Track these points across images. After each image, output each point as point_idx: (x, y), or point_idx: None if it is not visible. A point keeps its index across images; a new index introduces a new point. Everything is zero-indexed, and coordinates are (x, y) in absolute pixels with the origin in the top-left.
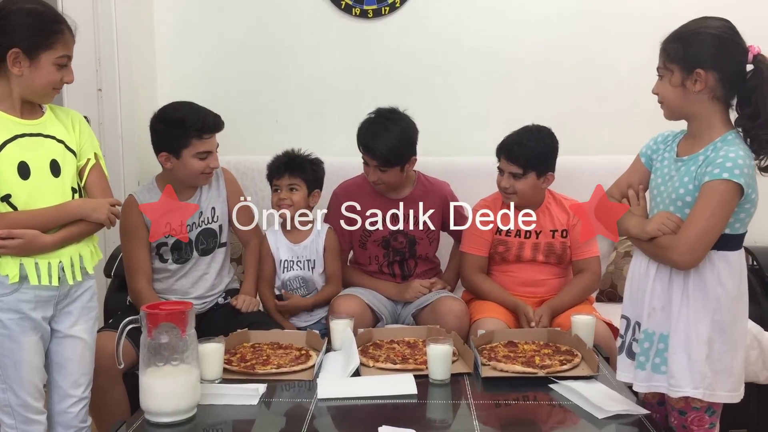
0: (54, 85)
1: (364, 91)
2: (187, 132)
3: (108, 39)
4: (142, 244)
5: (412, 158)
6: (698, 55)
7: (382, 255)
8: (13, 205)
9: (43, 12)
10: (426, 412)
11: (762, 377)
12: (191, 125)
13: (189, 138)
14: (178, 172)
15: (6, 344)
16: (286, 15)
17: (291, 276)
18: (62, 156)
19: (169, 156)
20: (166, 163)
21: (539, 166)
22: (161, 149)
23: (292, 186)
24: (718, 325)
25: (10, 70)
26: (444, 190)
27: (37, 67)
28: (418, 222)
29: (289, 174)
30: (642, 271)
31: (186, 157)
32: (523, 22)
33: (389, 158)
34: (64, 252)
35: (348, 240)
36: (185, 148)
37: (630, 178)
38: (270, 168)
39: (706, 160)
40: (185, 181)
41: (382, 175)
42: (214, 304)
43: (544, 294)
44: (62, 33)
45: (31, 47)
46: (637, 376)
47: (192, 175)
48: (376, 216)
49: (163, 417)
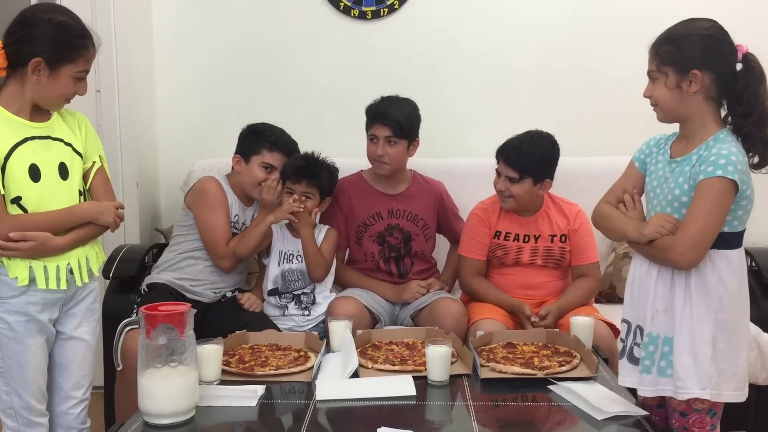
0: (67, 96)
1: (362, 93)
2: (261, 140)
3: (107, 40)
4: (226, 217)
5: (417, 140)
6: (693, 57)
7: (378, 251)
8: (23, 207)
9: (71, 26)
10: (425, 413)
11: (761, 378)
12: (267, 137)
13: (261, 147)
14: (243, 176)
15: (12, 346)
16: (285, 16)
17: (290, 268)
18: (70, 159)
19: (240, 159)
20: (237, 165)
21: (536, 172)
22: (237, 151)
23: (306, 194)
24: (721, 324)
25: (29, 77)
26: (439, 189)
27: (56, 78)
28: (413, 218)
29: (307, 182)
30: (643, 275)
31: (253, 163)
32: (521, 25)
33: (402, 124)
34: (72, 254)
35: (344, 236)
36: (255, 155)
37: (624, 183)
38: (287, 168)
39: (700, 159)
40: (245, 188)
41: (389, 149)
42: (222, 296)
43: (543, 296)
44: (86, 48)
45: (54, 59)
46: (643, 381)
47: (252, 184)
48: (372, 210)
49: (162, 419)
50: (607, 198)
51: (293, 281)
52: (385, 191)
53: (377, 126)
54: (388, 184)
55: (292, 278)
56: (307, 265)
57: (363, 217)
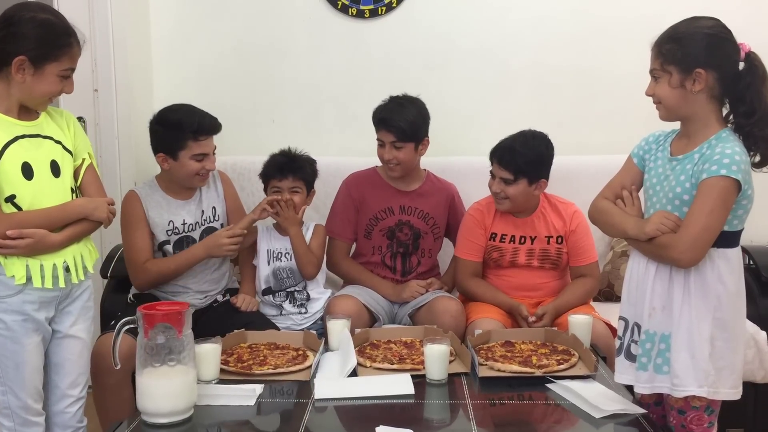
0: (53, 95)
1: (360, 92)
2: (184, 134)
3: (104, 39)
4: (144, 232)
5: (425, 139)
6: (697, 56)
7: (386, 245)
8: (17, 205)
9: (55, 24)
10: (423, 412)
11: (758, 376)
12: (187, 127)
13: (185, 140)
14: (175, 173)
15: (8, 346)
16: (282, 15)
17: (280, 266)
18: (61, 156)
19: (166, 157)
20: (164, 164)
21: (531, 173)
22: (159, 150)
23: (294, 188)
24: (720, 322)
25: (13, 76)
26: (451, 190)
27: (41, 76)
28: (424, 216)
29: (293, 176)
30: (641, 272)
31: (182, 158)
32: (519, 23)
33: (406, 130)
34: (67, 252)
35: (353, 229)
36: (182, 150)
37: (623, 179)
38: (269, 168)
39: (702, 157)
40: (182, 182)
41: (397, 153)
42: (212, 301)
43: (540, 297)
44: (70, 46)
45: (38, 57)
46: (639, 378)
47: (188, 177)
48: (384, 204)
49: (160, 418)
50: (605, 193)
51: (285, 279)
52: (398, 188)
53: (382, 131)
54: (401, 181)
55: (284, 275)
56: (298, 262)
57: (375, 210)
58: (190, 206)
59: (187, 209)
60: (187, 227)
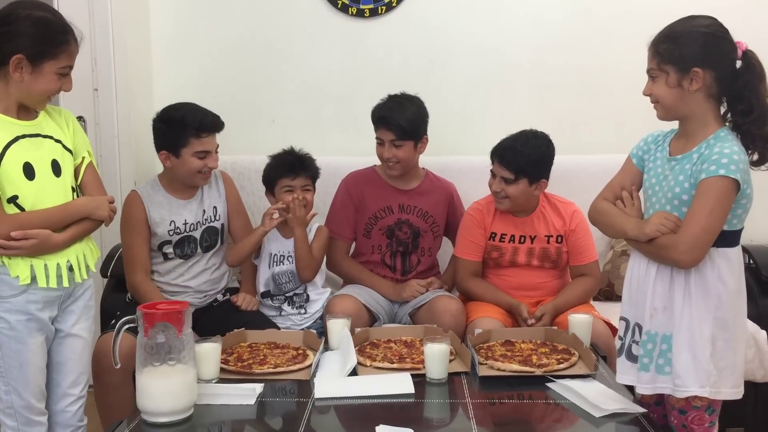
0: (51, 93)
1: (360, 91)
2: (186, 131)
3: (104, 39)
4: (142, 238)
5: (424, 137)
6: (694, 55)
7: (386, 244)
8: (20, 206)
9: (51, 21)
10: (423, 411)
11: (759, 376)
12: (190, 124)
13: (188, 137)
14: (177, 171)
15: (12, 346)
16: (282, 14)
17: (281, 270)
18: (61, 155)
19: (168, 155)
20: (166, 162)
21: (531, 172)
22: (162, 148)
23: (306, 186)
24: (720, 322)
25: (11, 75)
26: (450, 189)
27: (39, 75)
28: (423, 214)
29: (304, 174)
30: (642, 272)
31: (185, 156)
32: (519, 22)
33: (406, 128)
34: (70, 251)
35: (352, 228)
36: (184, 147)
37: (622, 179)
38: (279, 168)
39: (701, 157)
40: (184, 180)
41: (396, 151)
42: (212, 300)
43: (540, 297)
44: (68, 44)
45: (36, 55)
46: (641, 378)
47: (190, 174)
48: (383, 203)
49: (160, 417)
50: (604, 194)
51: (284, 283)
52: (397, 186)
53: (382, 130)
54: (400, 179)
55: (283, 280)
56: (298, 265)
57: (374, 209)
58: (191, 205)
59: (188, 209)
60: (189, 227)
